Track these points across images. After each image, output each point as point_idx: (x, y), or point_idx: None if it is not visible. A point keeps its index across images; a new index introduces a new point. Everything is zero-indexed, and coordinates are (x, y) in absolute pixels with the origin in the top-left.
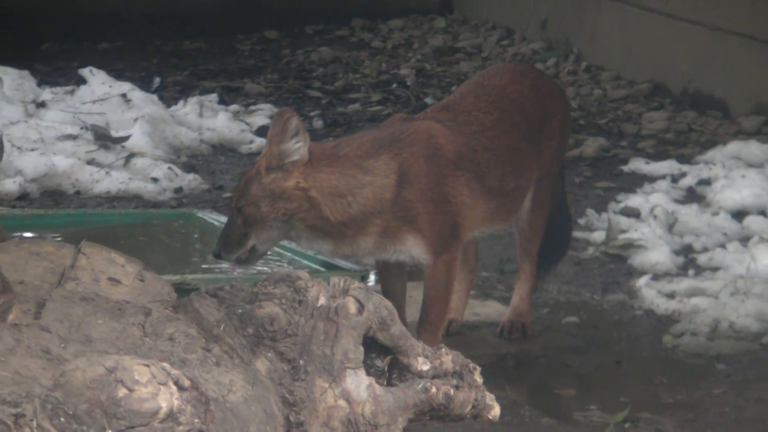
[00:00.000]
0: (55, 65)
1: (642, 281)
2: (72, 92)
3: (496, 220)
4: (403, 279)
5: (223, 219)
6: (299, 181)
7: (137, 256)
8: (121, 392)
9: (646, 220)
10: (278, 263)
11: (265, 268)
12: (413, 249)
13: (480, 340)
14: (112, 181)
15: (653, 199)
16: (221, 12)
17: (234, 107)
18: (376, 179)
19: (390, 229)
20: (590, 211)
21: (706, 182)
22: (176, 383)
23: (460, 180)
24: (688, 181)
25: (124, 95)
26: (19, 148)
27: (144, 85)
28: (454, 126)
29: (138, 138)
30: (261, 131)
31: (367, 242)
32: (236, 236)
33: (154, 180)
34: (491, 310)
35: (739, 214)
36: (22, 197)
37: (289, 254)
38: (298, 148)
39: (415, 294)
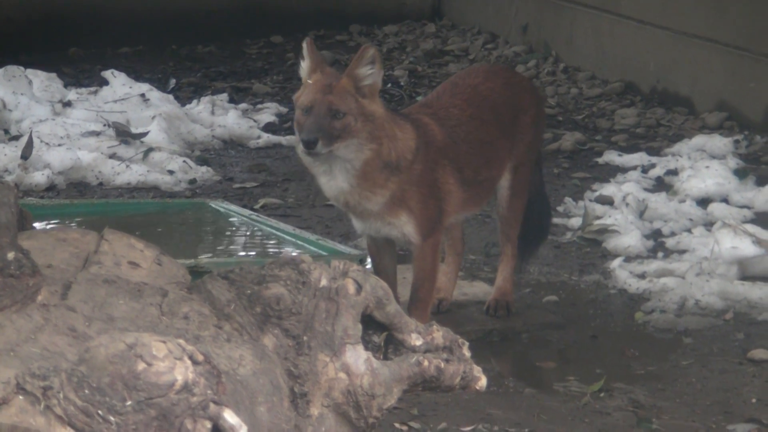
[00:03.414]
0: (80, 68)
1: (615, 263)
2: (95, 92)
3: (469, 207)
4: (395, 261)
5: (234, 208)
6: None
7: (155, 242)
8: (141, 366)
9: (619, 208)
10: (283, 249)
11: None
12: (405, 226)
13: (468, 317)
14: (132, 173)
15: (625, 188)
16: (231, 19)
17: (243, 106)
18: (406, 137)
19: (395, 197)
20: (568, 200)
21: (673, 172)
22: (191, 358)
23: (447, 168)
24: (657, 172)
25: (143, 95)
26: (47, 143)
27: (161, 85)
28: (437, 120)
29: (155, 134)
30: (268, 127)
31: (378, 202)
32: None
33: (171, 172)
34: (478, 290)
35: (703, 202)
36: (50, 188)
37: (292, 239)
38: (371, 73)
39: (408, 275)
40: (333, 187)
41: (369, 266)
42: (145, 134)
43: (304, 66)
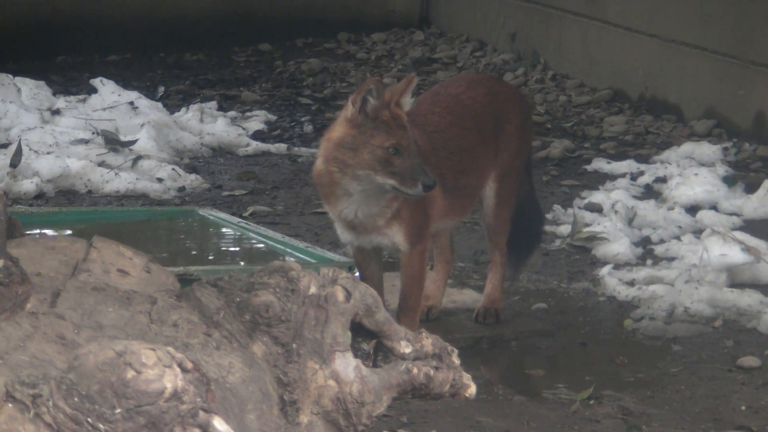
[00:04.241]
0: (68, 76)
1: (604, 270)
2: (84, 100)
3: (451, 215)
4: (381, 269)
5: (223, 215)
6: None
7: (144, 250)
8: (130, 374)
9: (608, 215)
10: (272, 256)
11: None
12: (396, 235)
13: (457, 324)
14: (120, 181)
15: (614, 196)
16: (219, 27)
17: (231, 113)
18: None
19: (394, 210)
20: (557, 207)
21: (662, 180)
22: (180, 365)
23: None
24: (645, 179)
25: (131, 103)
26: (36, 151)
27: (149, 93)
28: (416, 126)
29: (144, 142)
30: (257, 135)
31: (386, 218)
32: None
33: (159, 180)
34: (467, 297)
35: (692, 209)
36: (39, 196)
37: (281, 247)
38: (412, 102)
39: (396, 283)
40: (356, 211)
41: (358, 274)
42: (133, 142)
43: (375, 104)
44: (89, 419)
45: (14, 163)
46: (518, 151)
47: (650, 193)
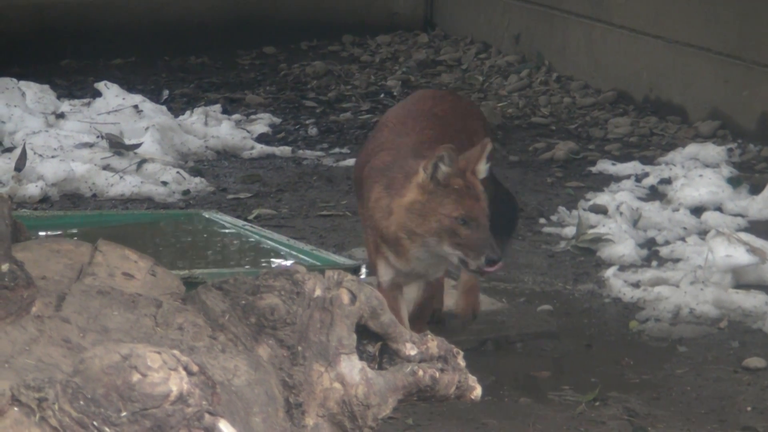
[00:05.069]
0: (73, 80)
1: (610, 272)
2: (89, 104)
3: None
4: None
5: (228, 218)
6: None
7: (149, 253)
8: (135, 377)
9: (613, 217)
10: (277, 259)
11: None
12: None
13: (462, 327)
14: (125, 184)
15: (619, 197)
16: (223, 30)
17: (236, 116)
18: None
19: None
20: (561, 209)
21: (667, 181)
22: (185, 369)
23: None
24: (650, 181)
25: (136, 106)
26: (40, 155)
27: (154, 97)
28: (414, 145)
29: (149, 145)
30: (261, 138)
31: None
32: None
33: (164, 183)
34: None
35: (697, 210)
36: (44, 200)
37: (286, 250)
38: (487, 169)
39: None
40: (426, 269)
41: (363, 276)
42: (138, 145)
43: (446, 170)
44: (95, 423)
45: (19, 167)
46: None
47: (655, 194)
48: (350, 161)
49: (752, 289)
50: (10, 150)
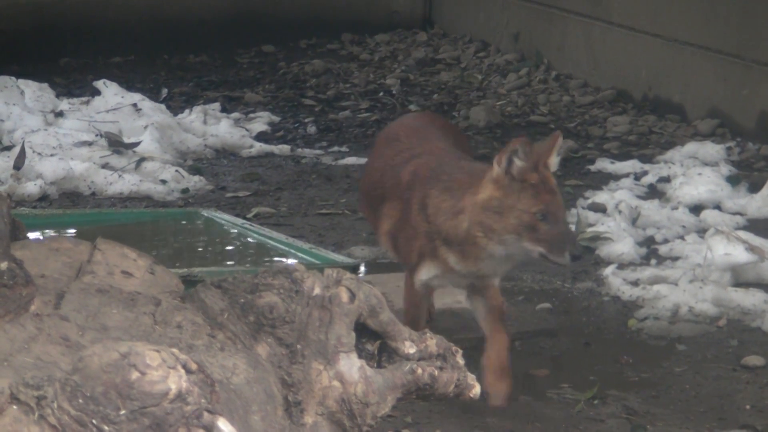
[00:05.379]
0: (72, 78)
1: (609, 270)
2: (87, 102)
3: None
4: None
5: (227, 217)
6: None
7: (148, 251)
8: (134, 375)
9: (612, 215)
10: (276, 257)
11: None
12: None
13: (462, 325)
14: (124, 183)
15: (618, 196)
16: (222, 28)
17: (235, 115)
18: None
19: None
20: None
21: (665, 180)
22: (184, 367)
23: None
24: (649, 179)
25: (135, 105)
26: (39, 153)
27: (153, 95)
28: (428, 158)
29: (148, 144)
30: (260, 136)
31: None
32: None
33: (163, 182)
34: None
35: (696, 209)
36: (43, 198)
37: (285, 248)
38: (558, 161)
39: (401, 284)
40: (494, 269)
41: (362, 274)
42: (137, 144)
43: (521, 165)
44: (94, 421)
45: (18, 165)
46: None
47: (654, 192)
48: (349, 160)
49: (751, 287)
50: (8, 148)
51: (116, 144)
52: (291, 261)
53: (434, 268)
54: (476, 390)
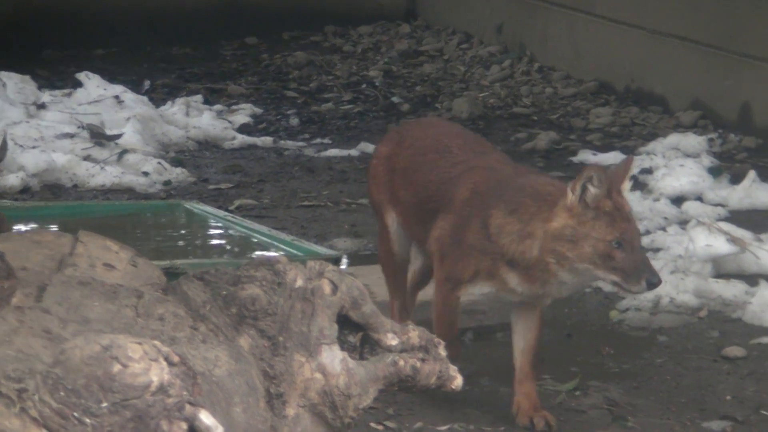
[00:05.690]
0: (54, 70)
1: None
2: (69, 94)
3: None
4: None
5: (209, 209)
6: None
7: (130, 244)
8: (116, 368)
9: None
10: (258, 250)
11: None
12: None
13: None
14: (106, 175)
15: None
16: (205, 20)
17: (218, 107)
18: None
19: None
20: None
21: (648, 171)
22: (166, 359)
23: None
24: (631, 171)
25: (117, 97)
26: (21, 146)
27: (135, 87)
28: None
29: (130, 136)
30: (243, 128)
31: None
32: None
33: (145, 174)
34: None
35: (678, 200)
36: (24, 191)
37: (267, 240)
38: (630, 186)
39: (381, 275)
40: (569, 288)
41: (344, 266)
42: (119, 136)
43: (596, 192)
44: (75, 413)
45: None
46: None
47: (636, 184)
48: (332, 152)
49: (732, 278)
50: None
51: (98, 136)
52: (273, 253)
53: (488, 286)
54: (458, 381)
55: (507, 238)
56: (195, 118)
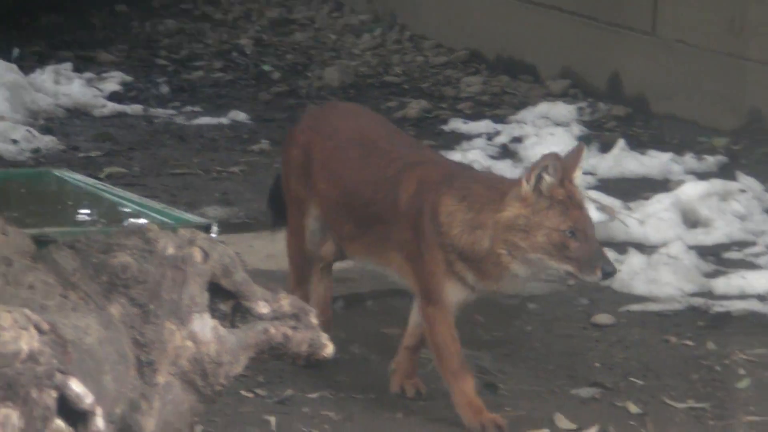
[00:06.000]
0: None
1: None
2: None
3: None
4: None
5: (79, 177)
6: None
7: None
8: None
9: None
10: (129, 218)
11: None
12: None
13: None
14: None
15: (471, 156)
16: None
17: (87, 75)
18: None
19: None
20: None
21: (518, 140)
22: (36, 327)
23: None
24: (502, 139)
25: None
26: None
27: (4, 55)
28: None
29: None
30: (113, 96)
31: None
32: None
33: (14, 142)
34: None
35: None
36: None
37: (138, 208)
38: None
39: (255, 243)
40: (523, 281)
41: (215, 235)
42: None
43: (550, 181)
44: None
45: None
46: None
47: (506, 153)
48: (203, 120)
49: (602, 246)
50: None
51: None
52: (144, 221)
53: (458, 287)
54: (329, 349)
55: (457, 228)
56: (65, 86)
